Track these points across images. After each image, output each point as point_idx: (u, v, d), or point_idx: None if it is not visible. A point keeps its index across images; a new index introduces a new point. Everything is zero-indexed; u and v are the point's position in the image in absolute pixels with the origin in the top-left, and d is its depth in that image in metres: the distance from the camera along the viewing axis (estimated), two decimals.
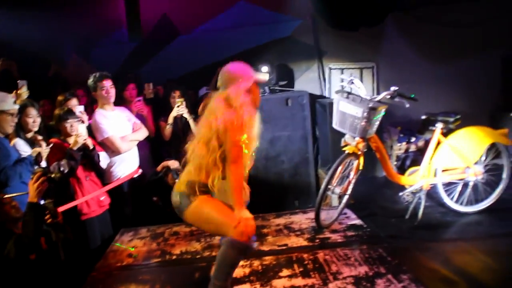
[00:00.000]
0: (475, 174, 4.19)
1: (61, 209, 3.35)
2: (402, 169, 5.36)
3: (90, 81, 4.49)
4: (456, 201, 4.28)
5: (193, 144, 2.86)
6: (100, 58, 6.42)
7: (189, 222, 2.91)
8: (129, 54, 6.87)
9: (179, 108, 4.93)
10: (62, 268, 3.09)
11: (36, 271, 3.09)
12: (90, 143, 4.17)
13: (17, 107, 3.74)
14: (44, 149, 3.90)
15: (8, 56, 5.34)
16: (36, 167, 3.63)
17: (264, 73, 4.03)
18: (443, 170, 4.22)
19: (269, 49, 6.42)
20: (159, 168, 4.74)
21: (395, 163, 5.74)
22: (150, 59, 6.80)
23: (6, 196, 3.29)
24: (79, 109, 4.40)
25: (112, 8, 7.11)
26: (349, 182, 3.91)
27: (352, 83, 3.92)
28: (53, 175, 2.99)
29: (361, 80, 3.96)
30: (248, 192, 3.21)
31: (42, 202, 2.99)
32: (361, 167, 3.91)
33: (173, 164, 4.68)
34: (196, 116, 4.68)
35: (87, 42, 6.98)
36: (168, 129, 5.05)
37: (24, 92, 4.23)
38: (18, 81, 4.33)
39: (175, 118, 5.01)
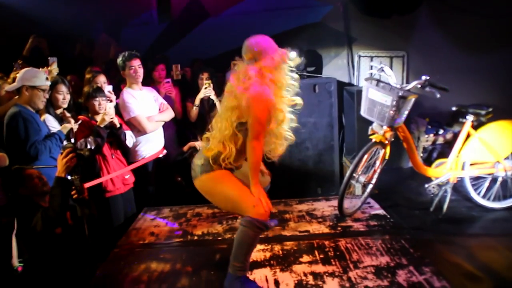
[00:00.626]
0: (505, 169, 4.10)
1: (87, 185, 3.40)
2: (428, 161, 5.29)
3: (119, 60, 4.52)
4: (483, 196, 4.20)
5: (217, 116, 2.87)
6: (129, 38, 6.46)
7: (200, 191, 2.89)
8: (158, 35, 6.89)
9: (206, 90, 4.93)
10: (86, 243, 3.14)
11: (61, 245, 3.17)
12: (117, 121, 4.22)
13: (48, 83, 3.81)
14: (73, 126, 3.97)
15: (39, 34, 5.42)
16: (65, 142, 3.69)
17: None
18: (471, 164, 4.14)
19: (298, 34, 6.35)
20: (185, 148, 4.77)
21: (421, 155, 5.66)
22: (178, 40, 6.81)
23: (34, 167, 3.37)
24: (107, 88, 4.44)
25: None
26: (374, 171, 3.87)
27: (382, 70, 3.85)
28: (82, 152, 3.03)
29: (391, 69, 3.89)
30: (269, 178, 3.21)
31: (69, 177, 3.05)
32: (387, 157, 3.86)
33: (200, 145, 4.71)
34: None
35: (117, 22, 7.03)
36: (194, 111, 5.06)
37: (54, 68, 4.29)
38: (49, 58, 4.39)
39: (202, 100, 5.01)
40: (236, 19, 6.63)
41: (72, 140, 3.91)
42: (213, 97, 4.96)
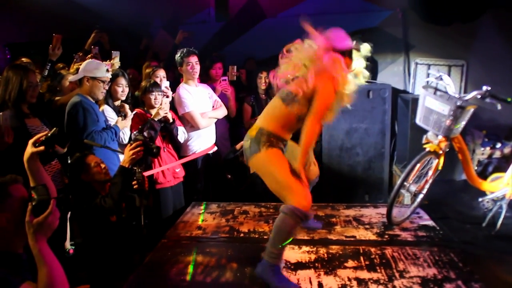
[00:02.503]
0: None
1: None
2: (483, 175, 5.09)
3: (177, 56, 4.64)
4: None
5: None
6: (192, 37, 6.59)
7: (253, 169, 2.93)
8: (214, 33, 7.01)
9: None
10: (140, 232, 3.24)
11: (114, 232, 3.29)
12: (170, 116, 4.33)
13: (109, 75, 3.96)
14: (129, 116, 4.11)
15: (100, 28, 5.63)
16: (136, 134, 3.82)
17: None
18: None
19: (354, 39, 6.28)
20: (238, 146, 4.83)
21: (476, 168, 5.46)
22: (234, 40, 6.89)
23: (103, 146, 3.50)
24: (165, 84, 4.56)
25: None
26: (426, 181, 3.78)
27: (441, 79, 3.75)
28: (152, 146, 3.12)
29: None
30: (317, 169, 3.22)
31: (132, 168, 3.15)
32: (440, 167, 3.76)
33: None
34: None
35: (175, 19, 7.20)
36: (252, 123, 5.18)
37: (116, 62, 4.46)
38: (112, 52, 4.57)
39: (260, 99, 5.08)
40: (292, 21, 6.59)
41: (126, 132, 4.04)
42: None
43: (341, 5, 6.54)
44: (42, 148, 2.28)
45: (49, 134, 2.33)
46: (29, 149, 2.29)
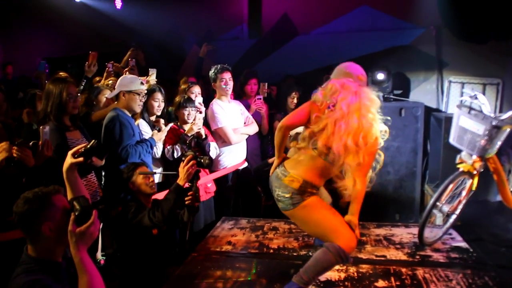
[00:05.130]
0: None
1: None
2: None
3: (211, 72, 4.73)
4: None
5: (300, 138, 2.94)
6: (219, 52, 6.70)
7: (292, 220, 2.97)
8: (246, 50, 7.10)
9: None
10: (183, 246, 3.28)
11: (154, 245, 3.35)
12: (203, 132, 4.40)
13: (144, 87, 4.05)
14: (164, 130, 4.20)
15: (136, 45, 5.80)
16: (185, 150, 3.89)
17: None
18: None
19: (386, 56, 6.29)
20: (270, 160, 4.85)
21: None
22: (266, 56, 6.97)
23: (157, 172, 3.58)
24: (198, 100, 4.64)
25: (236, 4, 7.43)
26: (459, 202, 3.72)
27: (476, 98, 3.70)
28: (202, 160, 3.17)
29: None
30: (329, 197, 3.26)
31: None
32: (474, 188, 3.70)
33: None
34: None
35: (209, 35, 7.34)
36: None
37: (152, 79, 4.58)
38: (149, 69, 4.70)
39: None
40: (324, 38, 6.69)
41: (159, 146, 4.11)
42: None
43: (374, 23, 6.56)
44: (81, 159, 2.36)
45: (88, 146, 2.40)
46: (69, 159, 2.36)
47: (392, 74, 5.75)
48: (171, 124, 4.38)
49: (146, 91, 4.09)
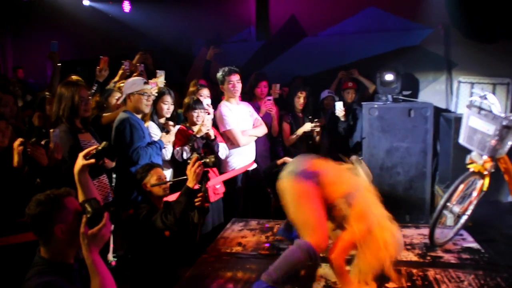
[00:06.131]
0: None
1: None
2: None
3: (219, 74, 4.75)
4: None
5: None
6: (227, 54, 6.72)
7: (284, 194, 3.01)
8: (255, 52, 7.11)
9: (315, 129, 5.20)
10: (194, 248, 3.30)
11: (166, 247, 3.37)
12: (212, 133, 4.41)
13: (149, 87, 4.06)
14: (173, 132, 4.22)
15: (144, 49, 5.82)
16: (171, 149, 3.91)
17: None
18: None
19: (395, 57, 6.27)
20: (279, 162, 4.85)
21: None
22: (274, 58, 6.98)
23: (167, 181, 3.61)
24: (206, 101, 4.66)
25: (243, 7, 7.45)
26: (470, 202, 3.69)
27: (486, 98, 3.68)
28: (208, 160, 3.18)
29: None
30: None
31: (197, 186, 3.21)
32: (485, 188, 3.67)
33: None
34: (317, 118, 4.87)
35: (217, 38, 7.36)
36: (293, 138, 5.23)
37: (161, 81, 4.60)
38: (157, 71, 4.72)
39: (297, 117, 5.14)
40: (333, 40, 6.69)
41: (169, 148, 4.14)
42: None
43: (383, 24, 6.55)
44: (92, 160, 2.38)
45: (99, 148, 2.42)
46: (80, 161, 2.39)
47: (401, 75, 5.73)
48: (178, 126, 4.40)
49: (152, 91, 4.11)
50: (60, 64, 4.95)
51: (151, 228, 3.22)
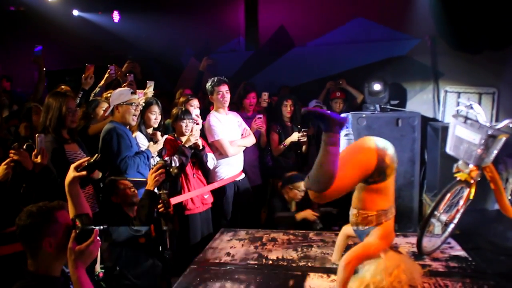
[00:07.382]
0: None
1: (173, 201, 3.60)
2: None
3: (208, 85, 4.76)
4: None
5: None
6: (216, 64, 6.74)
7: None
8: (244, 62, 7.14)
9: (302, 140, 5.25)
10: (162, 256, 3.30)
11: (143, 254, 3.36)
12: (200, 143, 4.42)
13: (136, 97, 4.07)
14: (160, 145, 4.21)
15: (132, 58, 5.82)
16: (158, 159, 3.95)
17: None
18: None
19: (383, 67, 6.33)
20: (299, 217, 4.77)
21: (509, 197, 5.33)
22: (263, 68, 7.01)
23: (129, 179, 3.64)
24: (195, 112, 4.66)
25: (233, 17, 7.49)
26: (457, 211, 3.72)
27: (471, 107, 3.73)
28: (171, 170, 3.23)
29: (480, 106, 3.74)
30: None
31: (157, 192, 3.25)
32: (471, 196, 3.70)
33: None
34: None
35: (206, 48, 7.38)
36: (281, 148, 5.25)
37: (150, 91, 4.61)
38: (147, 81, 4.73)
39: (286, 126, 5.15)
40: (321, 50, 6.74)
41: (166, 158, 4.15)
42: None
43: (370, 34, 6.61)
44: (84, 173, 2.37)
45: (91, 160, 2.42)
46: (71, 173, 2.37)
47: (389, 84, 5.78)
48: (166, 136, 4.40)
49: (139, 100, 4.13)
50: (45, 69, 4.95)
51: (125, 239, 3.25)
